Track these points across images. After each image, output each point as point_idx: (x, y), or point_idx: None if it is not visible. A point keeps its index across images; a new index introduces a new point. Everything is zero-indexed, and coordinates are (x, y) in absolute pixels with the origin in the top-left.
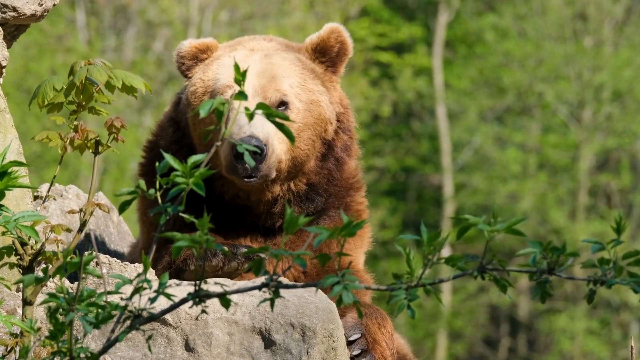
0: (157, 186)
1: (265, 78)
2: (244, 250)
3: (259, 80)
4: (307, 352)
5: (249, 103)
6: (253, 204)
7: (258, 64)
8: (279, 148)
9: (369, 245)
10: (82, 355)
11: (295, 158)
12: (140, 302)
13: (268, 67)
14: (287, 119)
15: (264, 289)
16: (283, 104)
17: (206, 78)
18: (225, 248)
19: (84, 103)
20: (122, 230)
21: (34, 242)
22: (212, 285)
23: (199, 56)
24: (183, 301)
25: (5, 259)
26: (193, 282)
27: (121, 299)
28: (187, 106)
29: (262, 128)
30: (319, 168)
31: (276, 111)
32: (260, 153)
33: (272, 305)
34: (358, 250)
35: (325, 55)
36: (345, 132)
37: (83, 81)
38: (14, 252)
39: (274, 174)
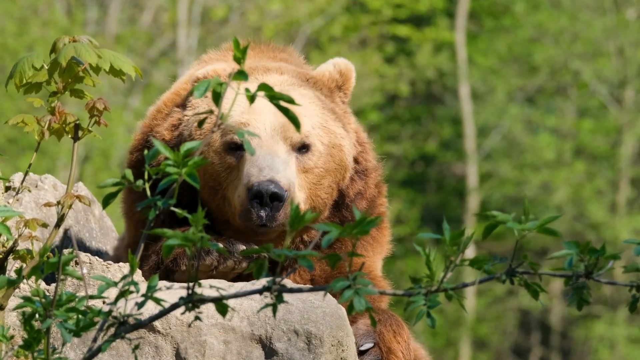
0: (146, 177)
1: (283, 117)
2: (242, 248)
3: (278, 118)
4: None
5: (268, 143)
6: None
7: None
8: (298, 196)
9: (387, 252)
10: None
11: (314, 208)
12: (125, 307)
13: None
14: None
15: (265, 293)
16: (305, 147)
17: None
18: (220, 245)
19: (68, 85)
20: (104, 226)
21: (5, 239)
22: (206, 288)
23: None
24: (174, 306)
25: None
26: (185, 285)
27: (104, 303)
28: (189, 136)
29: (284, 173)
30: (332, 216)
31: (280, 94)
32: (279, 200)
33: (274, 310)
34: (377, 257)
35: (341, 90)
36: (361, 176)
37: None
38: None
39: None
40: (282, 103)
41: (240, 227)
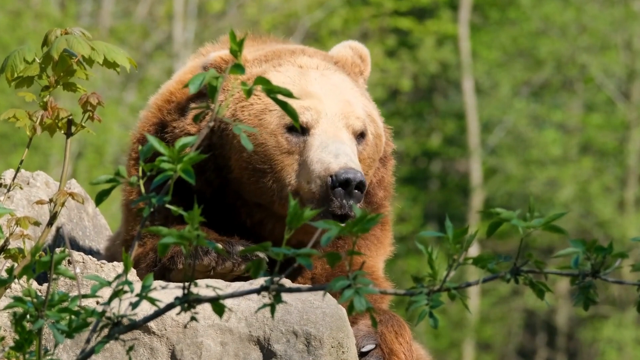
0: (140, 173)
1: (340, 102)
2: (241, 248)
3: (336, 104)
4: None
5: (333, 129)
6: (274, 241)
7: (321, 83)
8: None
9: (390, 253)
10: None
11: None
12: (119, 307)
13: (336, 90)
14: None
15: (263, 293)
16: (363, 135)
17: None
18: (219, 245)
19: (61, 78)
20: (98, 224)
21: None
22: (202, 288)
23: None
24: (169, 307)
25: None
26: (181, 285)
27: (97, 303)
28: (236, 141)
29: (355, 160)
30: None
31: (278, 87)
32: (363, 189)
33: (272, 311)
34: (379, 257)
35: (362, 76)
36: (384, 162)
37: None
38: None
39: None
40: (280, 97)
41: (285, 213)
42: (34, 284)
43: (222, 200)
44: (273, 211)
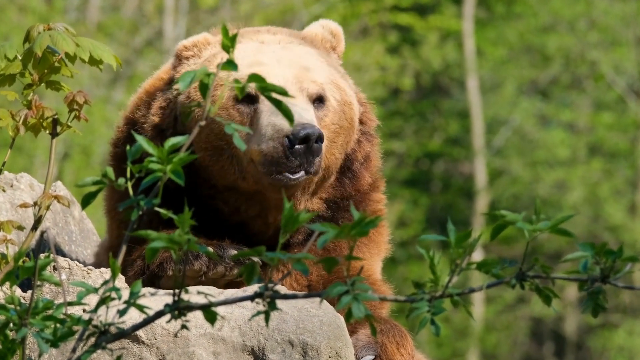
0: (128, 174)
1: (295, 68)
2: (233, 252)
3: (290, 69)
4: None
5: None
6: (260, 227)
7: (279, 54)
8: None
9: (386, 252)
10: None
11: (328, 168)
12: (107, 315)
13: (294, 58)
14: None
15: (257, 300)
16: (321, 99)
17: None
18: (210, 249)
19: (44, 76)
20: (85, 229)
21: None
22: (194, 294)
23: (184, 54)
24: (159, 314)
25: None
26: (171, 291)
27: (84, 311)
28: (194, 124)
29: (310, 117)
30: (336, 183)
31: (272, 85)
32: (322, 141)
33: (267, 319)
34: (375, 258)
35: (335, 52)
36: (369, 138)
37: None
38: None
39: (317, 178)
40: (275, 95)
41: (250, 188)
42: (18, 291)
43: (196, 193)
44: (241, 190)
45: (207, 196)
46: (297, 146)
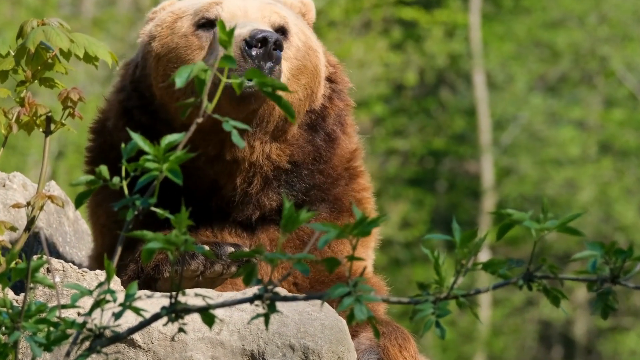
0: (123, 174)
1: (259, 2)
2: (230, 250)
3: (252, 2)
4: None
5: (247, 17)
6: (224, 178)
7: None
8: (283, 66)
9: (376, 241)
10: None
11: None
12: (102, 318)
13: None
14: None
15: (256, 302)
16: (283, 30)
17: (174, 9)
18: (206, 248)
19: (37, 73)
20: (79, 229)
21: None
22: (191, 297)
23: (150, 16)
24: (155, 317)
25: None
26: (168, 294)
27: (78, 314)
28: (153, 59)
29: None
30: (304, 141)
31: (272, 80)
32: (280, 48)
33: (266, 322)
34: (366, 250)
35: (305, 19)
36: (341, 97)
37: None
38: None
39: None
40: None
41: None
42: (10, 294)
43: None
44: (202, 125)
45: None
46: (254, 49)
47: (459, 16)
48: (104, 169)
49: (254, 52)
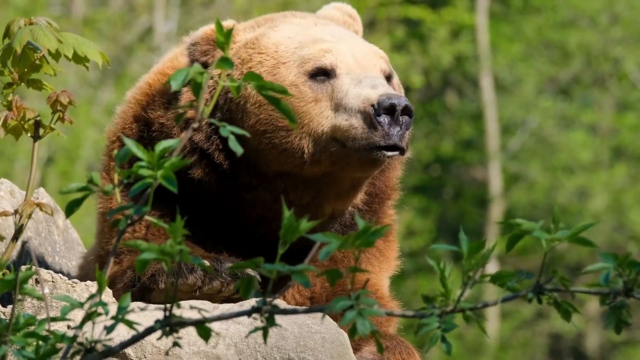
0: (116, 181)
1: (357, 44)
2: (230, 265)
3: (354, 45)
4: None
5: (362, 66)
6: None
7: (331, 30)
8: None
9: (395, 268)
10: None
11: None
12: (93, 331)
13: (345, 34)
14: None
15: (254, 315)
16: (389, 78)
17: (267, 51)
18: (206, 262)
19: (25, 74)
20: (69, 239)
21: None
22: (186, 309)
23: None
24: (149, 331)
25: None
26: (162, 306)
27: (68, 327)
28: (252, 105)
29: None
30: (371, 181)
31: (270, 83)
32: (410, 115)
33: (265, 335)
34: (383, 273)
35: (357, 35)
36: None
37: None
38: None
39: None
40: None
41: (318, 171)
42: None
43: (233, 183)
44: (302, 176)
45: (248, 186)
46: (383, 116)
47: (465, 16)
48: (95, 176)
49: (382, 119)
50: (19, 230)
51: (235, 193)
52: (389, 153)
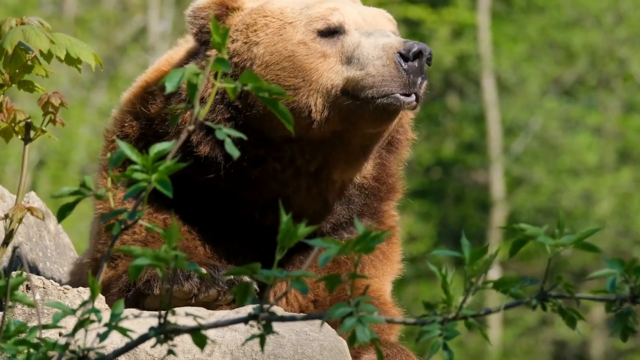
0: (109, 184)
1: (365, 8)
2: (226, 272)
3: (362, 8)
4: None
5: (369, 24)
6: (301, 195)
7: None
8: None
9: (398, 271)
10: None
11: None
12: (85, 339)
13: (354, 2)
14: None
15: (251, 322)
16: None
17: (272, 13)
18: (203, 270)
19: (16, 76)
20: (61, 244)
21: None
22: (181, 316)
23: (230, 4)
24: (143, 338)
25: None
26: (157, 313)
27: (60, 335)
28: (259, 67)
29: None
30: (379, 156)
31: (268, 85)
32: (429, 61)
33: (262, 343)
34: (386, 277)
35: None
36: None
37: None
38: None
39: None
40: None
41: (326, 132)
42: None
43: (242, 157)
44: (309, 138)
45: (256, 158)
46: (409, 62)
47: (467, 15)
48: (87, 180)
49: (410, 66)
50: (9, 235)
51: (243, 171)
52: (407, 99)
